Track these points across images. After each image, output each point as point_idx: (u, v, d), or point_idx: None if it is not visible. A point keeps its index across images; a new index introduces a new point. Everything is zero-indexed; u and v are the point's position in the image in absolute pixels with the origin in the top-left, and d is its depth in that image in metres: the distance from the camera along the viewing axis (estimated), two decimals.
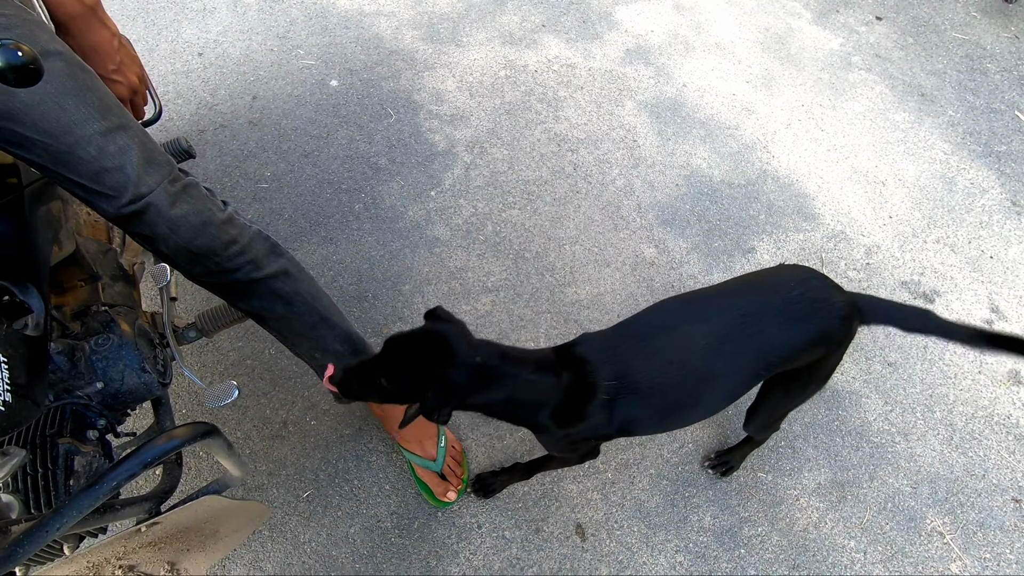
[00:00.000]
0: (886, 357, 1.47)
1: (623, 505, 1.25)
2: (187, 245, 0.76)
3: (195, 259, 0.79)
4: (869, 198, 1.76)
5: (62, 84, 0.62)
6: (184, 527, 0.91)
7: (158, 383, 0.92)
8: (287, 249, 0.96)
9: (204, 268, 0.81)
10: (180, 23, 2.01)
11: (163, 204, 0.72)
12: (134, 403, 0.92)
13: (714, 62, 2.07)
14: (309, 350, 1.01)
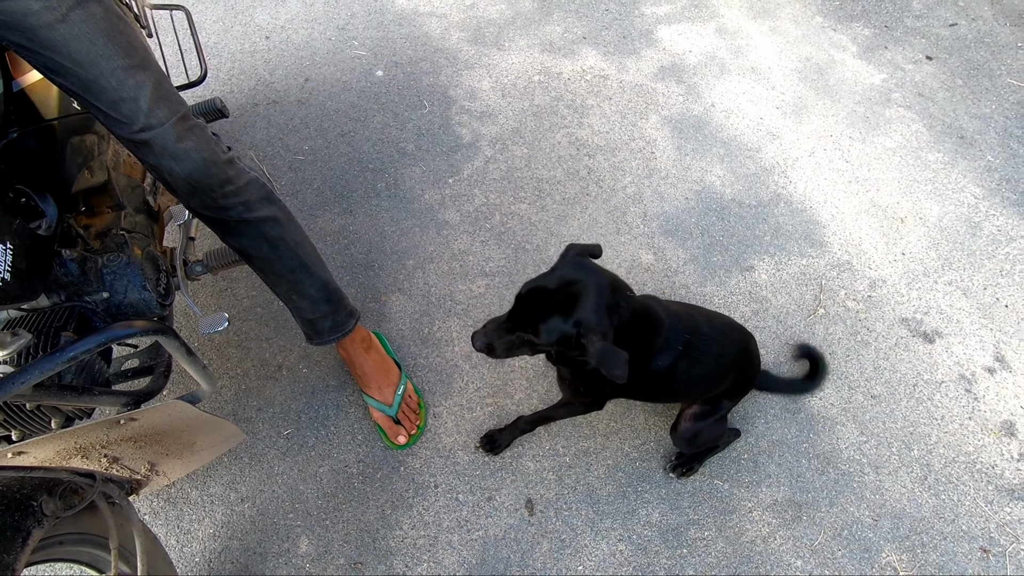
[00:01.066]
0: (871, 390, 1.45)
1: (575, 489, 1.30)
2: (187, 177, 0.89)
3: (193, 191, 0.91)
4: (884, 233, 1.74)
5: (96, 25, 0.76)
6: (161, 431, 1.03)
7: (157, 303, 1.06)
8: (283, 202, 1.08)
9: (200, 201, 0.94)
10: (255, 9, 2.23)
11: (169, 137, 0.85)
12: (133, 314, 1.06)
13: (747, 86, 2.10)
14: (287, 291, 1.13)
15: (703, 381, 1.12)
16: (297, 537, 1.23)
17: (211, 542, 1.22)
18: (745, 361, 1.19)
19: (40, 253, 0.85)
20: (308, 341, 1.24)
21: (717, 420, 1.19)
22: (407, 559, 1.21)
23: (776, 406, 1.42)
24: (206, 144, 0.91)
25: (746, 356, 1.19)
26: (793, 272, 1.65)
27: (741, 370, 1.18)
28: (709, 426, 1.18)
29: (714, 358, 1.09)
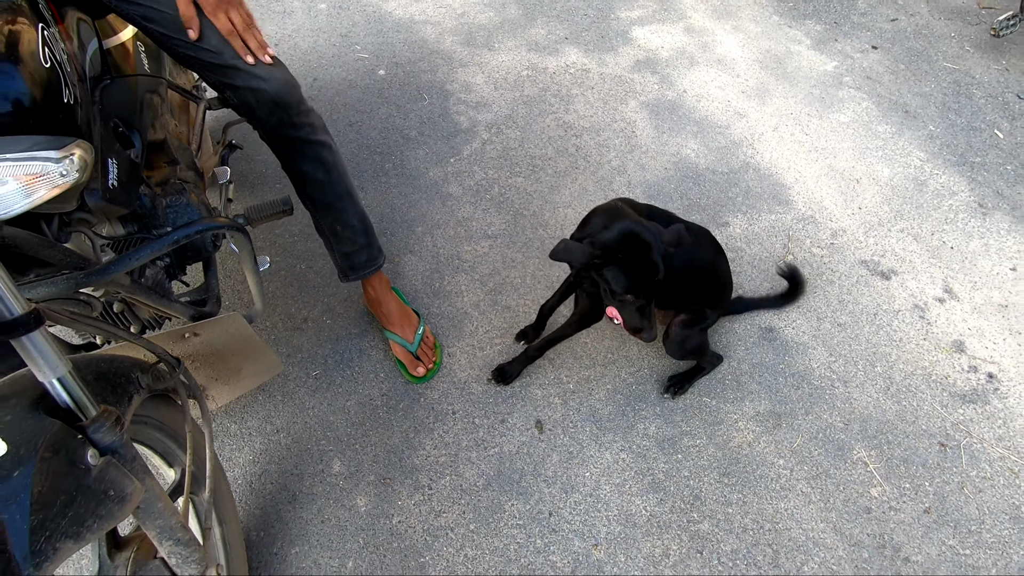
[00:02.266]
0: (837, 319, 1.63)
1: (579, 410, 1.44)
2: (275, 94, 1.05)
3: (276, 108, 1.07)
4: (842, 191, 1.94)
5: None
6: (216, 350, 1.17)
7: (211, 240, 1.21)
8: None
9: (279, 119, 1.09)
10: (263, 21, 2.43)
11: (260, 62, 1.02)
12: (192, 252, 1.20)
13: (714, 75, 2.33)
14: (332, 222, 1.28)
15: (689, 283, 1.32)
16: (330, 460, 1.35)
17: (251, 467, 1.34)
18: (722, 267, 1.39)
19: (133, 174, 1.00)
20: (343, 278, 1.39)
21: (702, 329, 1.35)
22: (431, 473, 1.34)
23: (754, 335, 1.59)
24: (286, 70, 1.08)
25: (722, 263, 1.39)
26: (763, 226, 1.84)
27: (719, 276, 1.36)
28: (695, 333, 1.34)
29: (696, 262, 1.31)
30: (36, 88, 0.68)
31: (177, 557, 0.80)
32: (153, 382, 0.89)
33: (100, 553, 0.80)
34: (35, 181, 0.45)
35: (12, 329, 0.59)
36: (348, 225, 1.30)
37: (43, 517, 0.57)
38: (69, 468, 0.62)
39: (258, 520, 1.27)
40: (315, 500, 1.30)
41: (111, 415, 0.69)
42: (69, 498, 0.61)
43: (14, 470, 0.57)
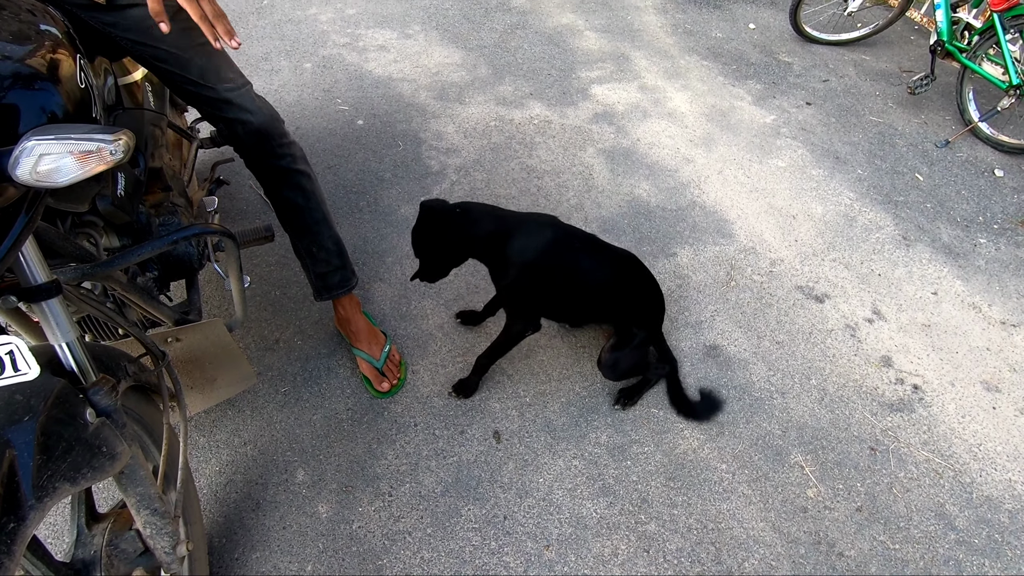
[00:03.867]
0: (775, 337, 1.76)
1: (535, 421, 1.53)
2: (259, 127, 1.19)
3: (261, 139, 1.20)
4: (780, 226, 2.13)
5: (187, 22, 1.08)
6: (195, 357, 1.26)
7: (196, 257, 1.31)
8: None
9: (263, 149, 1.23)
10: (251, 76, 2.64)
11: (247, 97, 1.16)
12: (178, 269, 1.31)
13: (665, 126, 2.56)
14: (308, 244, 1.40)
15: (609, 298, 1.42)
16: (295, 470, 1.41)
17: (217, 477, 1.39)
18: (645, 288, 1.47)
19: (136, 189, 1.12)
20: (317, 296, 1.49)
21: (632, 349, 1.45)
22: (392, 481, 1.40)
23: (699, 352, 1.70)
24: (270, 106, 1.23)
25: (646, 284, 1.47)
26: (709, 256, 2.00)
27: (643, 296, 1.47)
28: (625, 355, 1.45)
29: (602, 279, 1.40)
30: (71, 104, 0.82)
31: (152, 528, 0.87)
32: (139, 372, 0.97)
33: (78, 523, 0.86)
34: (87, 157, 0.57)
35: (36, 294, 0.69)
36: (323, 247, 1.42)
37: (46, 458, 0.65)
38: (70, 421, 0.71)
39: (221, 527, 1.31)
40: (278, 508, 1.34)
41: (108, 383, 0.78)
42: (69, 446, 0.69)
43: (24, 416, 0.66)
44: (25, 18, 0.84)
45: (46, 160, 0.56)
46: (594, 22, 3.23)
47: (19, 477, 0.61)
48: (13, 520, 0.60)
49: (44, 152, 0.56)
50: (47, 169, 0.57)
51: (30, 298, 0.68)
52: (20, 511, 0.61)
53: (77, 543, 0.84)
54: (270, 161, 1.27)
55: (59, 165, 0.57)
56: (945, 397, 1.64)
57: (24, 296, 0.68)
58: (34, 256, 0.67)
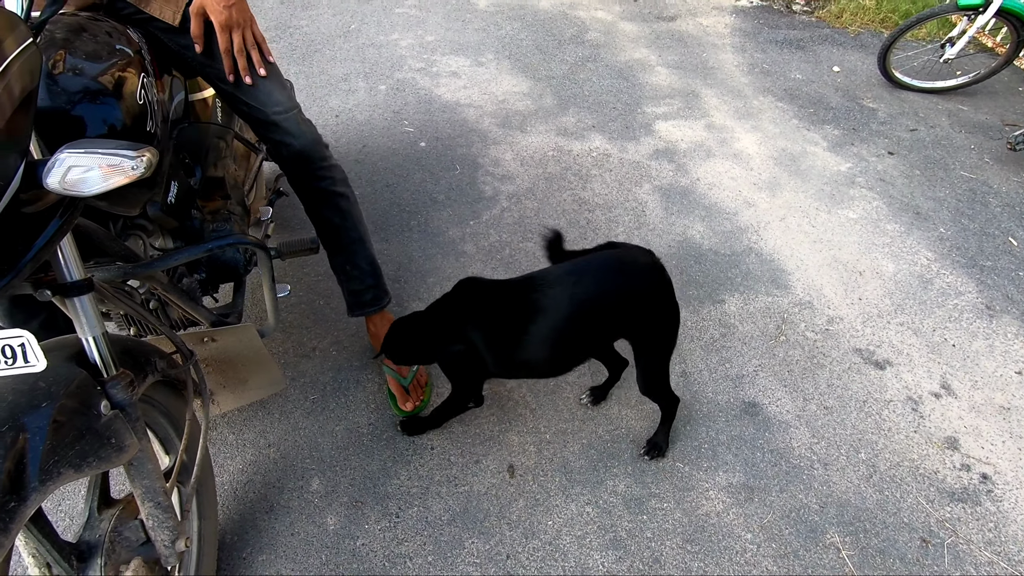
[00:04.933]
0: (824, 402, 1.63)
1: (552, 460, 1.49)
2: (301, 150, 1.26)
3: (301, 161, 1.28)
4: (843, 282, 1.99)
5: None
6: (228, 358, 1.32)
7: (243, 264, 1.39)
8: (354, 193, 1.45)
9: (303, 171, 1.30)
10: (329, 96, 2.81)
11: (293, 121, 1.24)
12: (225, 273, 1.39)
13: (728, 166, 2.48)
14: (343, 263, 1.46)
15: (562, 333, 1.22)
16: (311, 477, 1.44)
17: (239, 475, 1.44)
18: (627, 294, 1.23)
19: (187, 198, 1.21)
20: (350, 312, 1.54)
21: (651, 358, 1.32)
22: (401, 502, 1.40)
23: (736, 408, 1.60)
24: (314, 130, 1.30)
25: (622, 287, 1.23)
26: (759, 306, 1.89)
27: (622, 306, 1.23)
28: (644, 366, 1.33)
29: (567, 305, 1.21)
30: (128, 117, 0.90)
31: (155, 520, 0.91)
32: (167, 368, 1.03)
33: (91, 506, 0.92)
34: (112, 171, 0.63)
35: (69, 290, 0.76)
36: (357, 266, 1.47)
37: (56, 443, 0.70)
38: (84, 411, 0.76)
39: (235, 524, 1.35)
40: (289, 513, 1.38)
41: (126, 377, 0.83)
42: (79, 434, 0.74)
43: (43, 402, 0.72)
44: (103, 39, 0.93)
45: (75, 171, 0.62)
46: (667, 58, 3.20)
47: (27, 459, 0.66)
48: (15, 500, 0.64)
49: (73, 164, 0.62)
50: (75, 179, 0.62)
51: (64, 293, 0.74)
52: (23, 492, 0.65)
53: (86, 525, 0.89)
54: (310, 182, 1.34)
55: (86, 176, 0.62)
56: (1020, 493, 1.45)
57: (58, 291, 0.74)
58: (71, 255, 0.74)
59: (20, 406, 0.68)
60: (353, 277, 1.49)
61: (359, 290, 1.52)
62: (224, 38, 1.14)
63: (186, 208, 1.24)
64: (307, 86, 2.84)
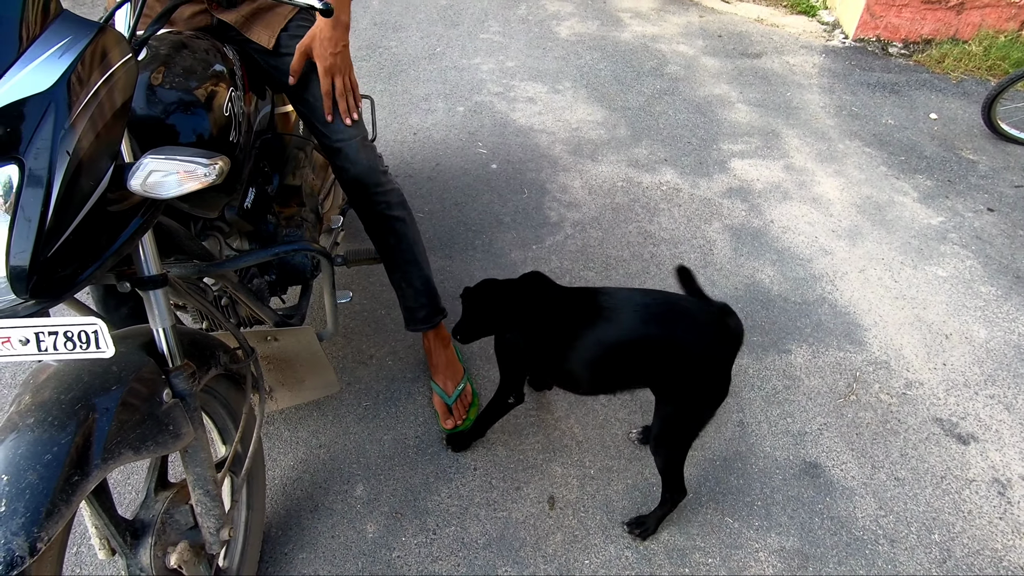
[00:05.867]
0: (895, 472, 1.51)
1: (595, 496, 1.45)
2: (356, 175, 1.33)
3: (357, 186, 1.35)
4: (926, 344, 1.85)
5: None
6: (287, 358, 1.39)
7: (310, 269, 1.47)
8: (411, 211, 1.50)
9: (361, 195, 1.37)
10: (409, 114, 2.92)
11: (353, 149, 1.31)
12: (294, 274, 1.47)
13: (806, 211, 2.38)
14: (398, 279, 1.51)
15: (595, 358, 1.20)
16: (356, 483, 1.47)
17: (290, 472, 1.50)
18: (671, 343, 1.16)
19: (264, 204, 1.30)
20: (406, 326, 1.59)
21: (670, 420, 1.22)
22: (439, 520, 1.40)
23: (796, 467, 1.51)
24: (374, 158, 1.37)
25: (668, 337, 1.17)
26: (829, 361, 1.79)
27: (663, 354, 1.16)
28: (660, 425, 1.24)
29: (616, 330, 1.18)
30: (215, 128, 0.98)
31: (202, 507, 0.96)
32: (230, 362, 1.10)
33: (149, 486, 0.98)
34: (188, 176, 0.69)
35: (146, 283, 0.82)
36: (411, 285, 1.52)
37: (120, 425, 0.76)
38: (149, 397, 0.82)
39: (281, 519, 1.40)
40: (332, 515, 1.41)
41: (189, 369, 0.89)
42: (141, 419, 0.80)
43: (113, 385, 0.78)
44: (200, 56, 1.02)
45: (155, 175, 0.68)
46: (748, 95, 3.13)
47: (94, 437, 0.71)
48: (79, 474, 0.69)
49: (154, 168, 0.68)
50: (154, 182, 0.68)
51: (141, 286, 0.81)
52: (87, 467, 0.70)
53: (143, 504, 0.94)
54: (367, 206, 1.40)
55: (164, 180, 0.68)
56: None
57: (136, 284, 0.81)
58: (150, 252, 0.80)
59: (93, 387, 0.74)
60: (407, 295, 1.54)
61: (413, 307, 1.56)
62: (327, 81, 1.24)
63: (262, 213, 1.32)
64: (390, 103, 2.97)
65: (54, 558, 0.74)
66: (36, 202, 0.60)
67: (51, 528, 0.66)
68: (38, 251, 0.61)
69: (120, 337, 0.86)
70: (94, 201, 0.65)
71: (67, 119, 0.61)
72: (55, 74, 0.61)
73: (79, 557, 1.31)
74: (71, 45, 0.62)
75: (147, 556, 0.89)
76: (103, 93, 0.65)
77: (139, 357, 0.82)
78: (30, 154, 0.59)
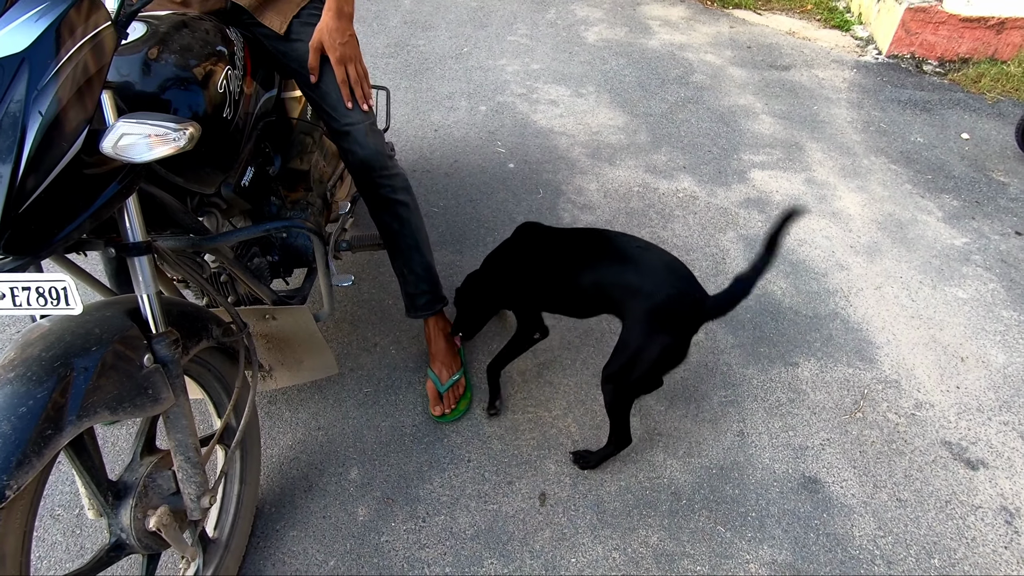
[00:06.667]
0: (898, 493, 1.47)
1: (586, 496, 1.44)
2: (364, 159, 1.36)
3: (364, 169, 1.37)
4: (940, 366, 1.80)
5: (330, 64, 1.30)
6: (285, 338, 1.41)
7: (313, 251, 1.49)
8: (416, 202, 1.52)
9: (367, 177, 1.39)
10: (432, 111, 2.96)
11: (361, 132, 1.34)
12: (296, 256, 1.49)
13: (824, 224, 2.34)
14: (400, 265, 1.53)
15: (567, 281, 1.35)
16: (351, 466, 1.49)
17: (287, 451, 1.52)
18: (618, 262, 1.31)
19: (263, 184, 1.33)
20: (407, 313, 1.61)
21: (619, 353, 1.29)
22: (429, 508, 1.41)
23: (794, 480, 1.48)
24: (381, 143, 1.39)
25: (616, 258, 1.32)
26: (837, 377, 1.75)
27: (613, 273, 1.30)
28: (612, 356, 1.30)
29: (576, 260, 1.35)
30: (210, 105, 1.02)
31: (184, 473, 0.98)
32: (222, 335, 1.12)
33: (136, 450, 1.01)
34: (159, 141, 0.72)
35: (130, 249, 0.85)
36: (413, 271, 1.54)
37: (97, 385, 0.79)
38: (129, 361, 0.84)
39: (276, 496, 1.42)
40: (325, 496, 1.43)
41: (172, 336, 0.91)
42: (120, 380, 0.82)
43: (93, 346, 0.80)
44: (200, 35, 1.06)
45: (126, 139, 0.71)
46: (774, 107, 3.09)
47: (70, 394, 0.74)
48: (52, 429, 0.72)
49: (125, 132, 0.71)
50: (125, 145, 0.71)
51: (126, 252, 0.84)
52: (60, 423, 0.73)
53: (128, 467, 0.97)
54: (372, 188, 1.43)
55: (135, 144, 0.71)
56: None
57: (121, 249, 0.84)
58: (136, 219, 0.84)
59: (75, 347, 0.77)
60: (409, 281, 1.56)
61: (414, 293, 1.58)
62: (340, 70, 1.30)
63: (262, 193, 1.36)
64: (413, 100, 3.01)
65: (25, 508, 0.77)
66: (8, 160, 0.63)
67: (21, 477, 0.68)
68: (9, 207, 0.63)
69: (108, 303, 0.89)
70: (66, 162, 0.68)
71: (41, 80, 0.64)
72: (31, 36, 0.64)
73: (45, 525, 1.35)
74: (49, 9, 0.66)
75: (127, 517, 0.91)
76: (79, 58, 0.68)
77: (123, 321, 0.85)
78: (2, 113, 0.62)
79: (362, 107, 1.35)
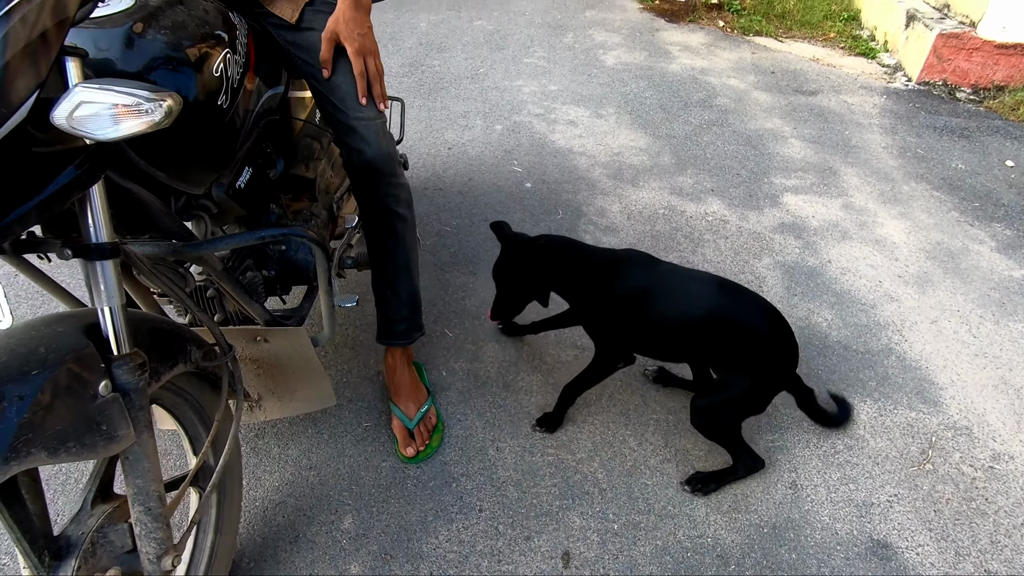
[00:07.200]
0: (985, 564, 1.24)
1: (617, 557, 1.23)
2: (371, 160, 1.20)
3: (370, 172, 1.22)
4: (1015, 412, 1.59)
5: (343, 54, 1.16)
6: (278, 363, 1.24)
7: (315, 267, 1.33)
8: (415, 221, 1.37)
9: (371, 183, 1.23)
10: (446, 129, 2.84)
11: (372, 130, 1.18)
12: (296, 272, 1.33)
13: (868, 253, 2.16)
14: (384, 287, 1.37)
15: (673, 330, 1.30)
16: (344, 513, 1.29)
17: (273, 494, 1.33)
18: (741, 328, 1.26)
19: (261, 187, 1.18)
20: (379, 338, 1.43)
21: (728, 399, 1.28)
22: (433, 567, 1.21)
23: (861, 544, 1.27)
24: (392, 147, 1.24)
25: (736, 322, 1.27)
26: (898, 421, 1.54)
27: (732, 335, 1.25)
28: (717, 404, 1.29)
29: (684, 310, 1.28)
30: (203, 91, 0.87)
31: (142, 527, 0.79)
32: (202, 359, 0.95)
33: (86, 496, 0.82)
34: (128, 112, 0.56)
35: (90, 252, 0.68)
36: (397, 295, 1.38)
37: (33, 419, 0.61)
38: (80, 390, 0.66)
39: (256, 547, 1.23)
40: (313, 550, 1.23)
41: (138, 359, 0.73)
42: (64, 413, 0.64)
43: (34, 370, 0.63)
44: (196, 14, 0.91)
45: (84, 107, 0.55)
46: (803, 131, 2.95)
47: None
48: None
49: (85, 100, 0.55)
50: (84, 116, 0.55)
51: (85, 255, 0.67)
52: None
53: (74, 518, 0.79)
54: (374, 197, 1.27)
55: (97, 115, 0.55)
56: None
57: (80, 252, 0.67)
58: (101, 217, 0.67)
59: (10, 371, 0.60)
60: (391, 305, 1.39)
61: (394, 319, 1.41)
62: (359, 62, 1.17)
63: (261, 199, 1.20)
64: (427, 118, 2.90)
65: None
66: None
67: None
68: None
69: (62, 317, 0.72)
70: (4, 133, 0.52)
71: None
72: None
73: None
74: None
75: None
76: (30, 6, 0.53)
77: (76, 339, 0.68)
78: None
79: (378, 106, 1.20)
